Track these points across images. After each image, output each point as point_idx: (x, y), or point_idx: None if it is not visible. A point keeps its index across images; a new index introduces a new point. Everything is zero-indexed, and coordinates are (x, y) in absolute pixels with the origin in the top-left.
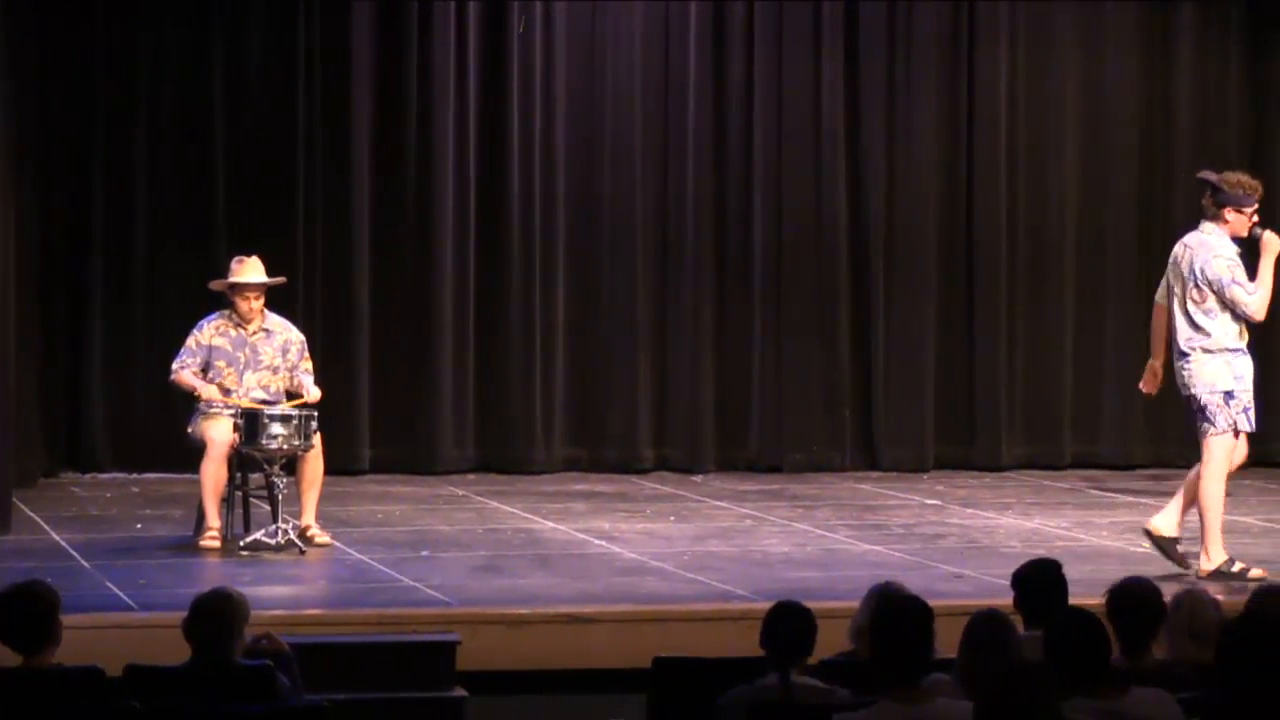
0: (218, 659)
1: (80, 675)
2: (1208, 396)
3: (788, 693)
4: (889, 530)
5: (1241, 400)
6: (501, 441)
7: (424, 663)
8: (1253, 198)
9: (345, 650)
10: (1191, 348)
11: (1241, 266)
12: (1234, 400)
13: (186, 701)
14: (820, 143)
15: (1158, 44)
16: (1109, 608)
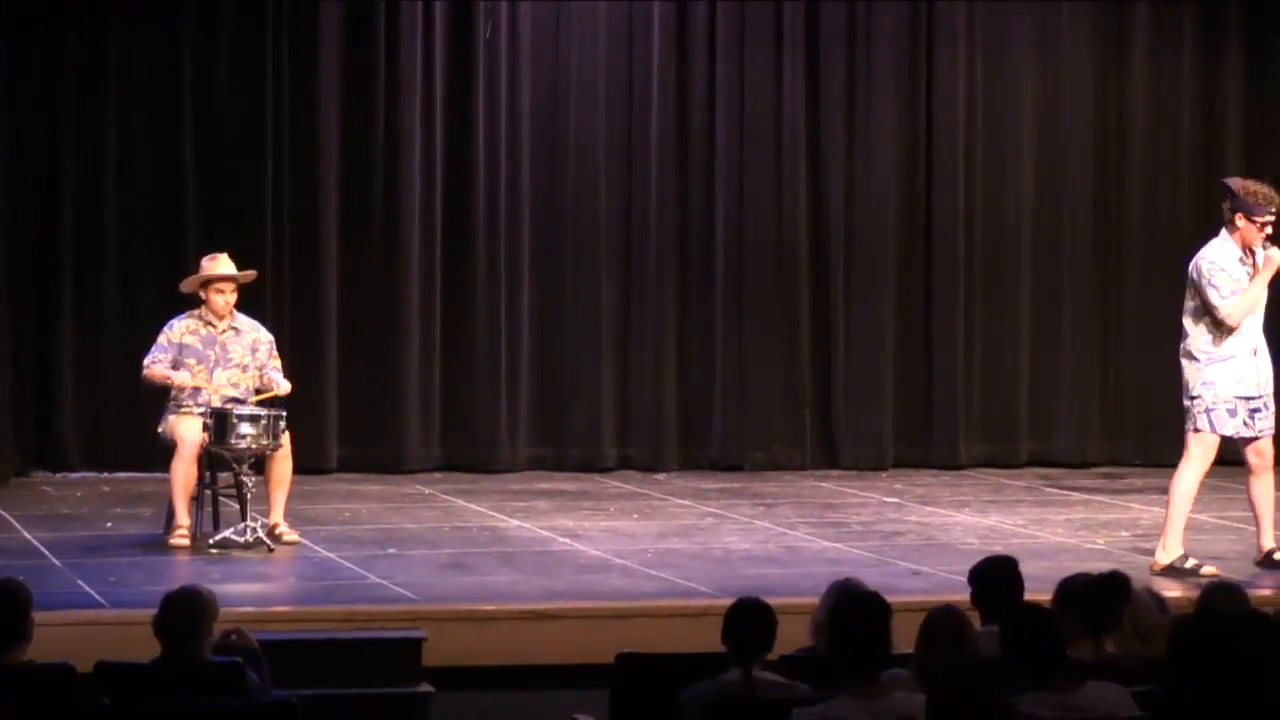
0: (188, 655)
1: (51, 672)
2: (1185, 399)
3: (749, 688)
4: (848, 528)
5: (1204, 402)
6: (467, 441)
7: (391, 659)
8: (1265, 208)
9: (313, 646)
10: (1182, 350)
11: (1227, 272)
12: (1198, 402)
13: (157, 698)
14: (781, 145)
15: (1113, 46)
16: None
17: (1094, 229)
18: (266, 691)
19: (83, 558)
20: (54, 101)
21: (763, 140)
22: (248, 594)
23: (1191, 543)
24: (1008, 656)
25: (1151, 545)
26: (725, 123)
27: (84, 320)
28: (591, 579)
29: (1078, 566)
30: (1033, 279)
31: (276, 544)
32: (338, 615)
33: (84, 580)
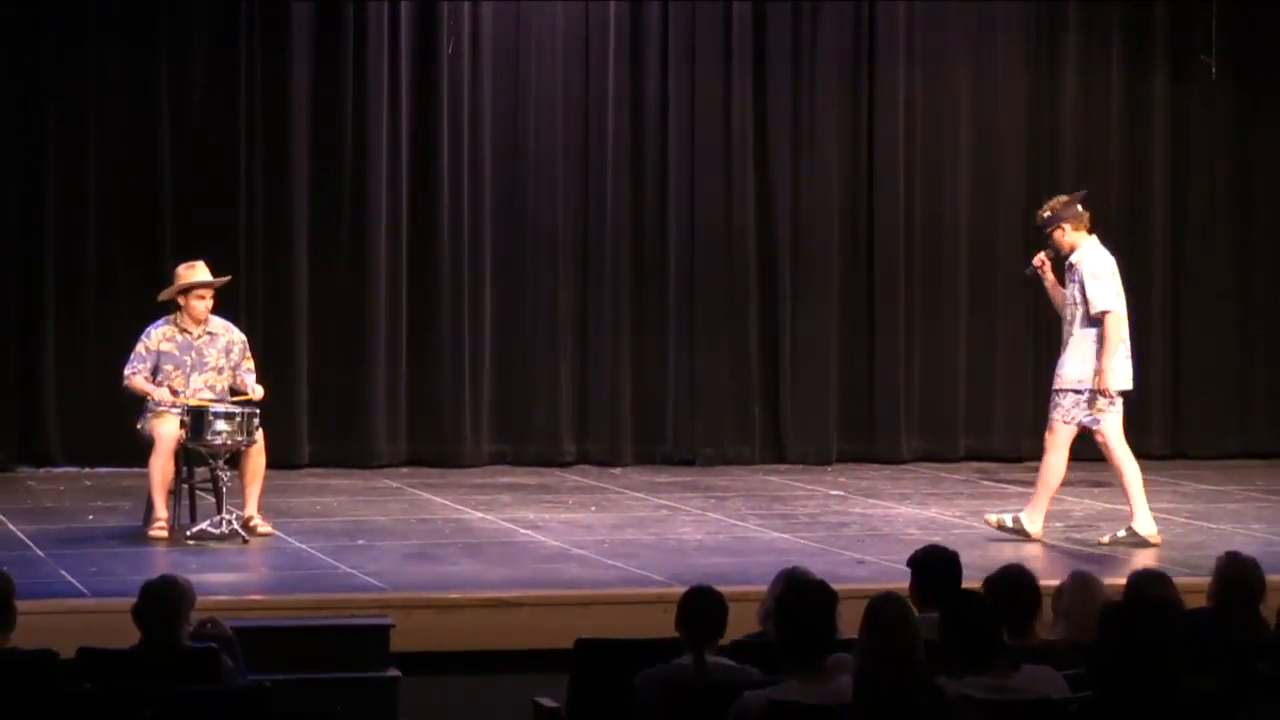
0: (166, 642)
1: (34, 658)
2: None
3: (701, 671)
4: (795, 519)
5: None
6: (433, 437)
7: (360, 644)
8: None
9: (286, 633)
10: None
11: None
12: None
13: (136, 682)
14: (730, 156)
15: (1045, 64)
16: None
17: (1025, 238)
18: (241, 676)
19: (65, 549)
20: (34, 109)
21: (713, 151)
22: (223, 583)
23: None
24: (946, 641)
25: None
26: (677, 134)
27: (65, 320)
28: (551, 568)
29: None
30: (969, 284)
31: (251, 535)
32: (309, 603)
33: (66, 570)
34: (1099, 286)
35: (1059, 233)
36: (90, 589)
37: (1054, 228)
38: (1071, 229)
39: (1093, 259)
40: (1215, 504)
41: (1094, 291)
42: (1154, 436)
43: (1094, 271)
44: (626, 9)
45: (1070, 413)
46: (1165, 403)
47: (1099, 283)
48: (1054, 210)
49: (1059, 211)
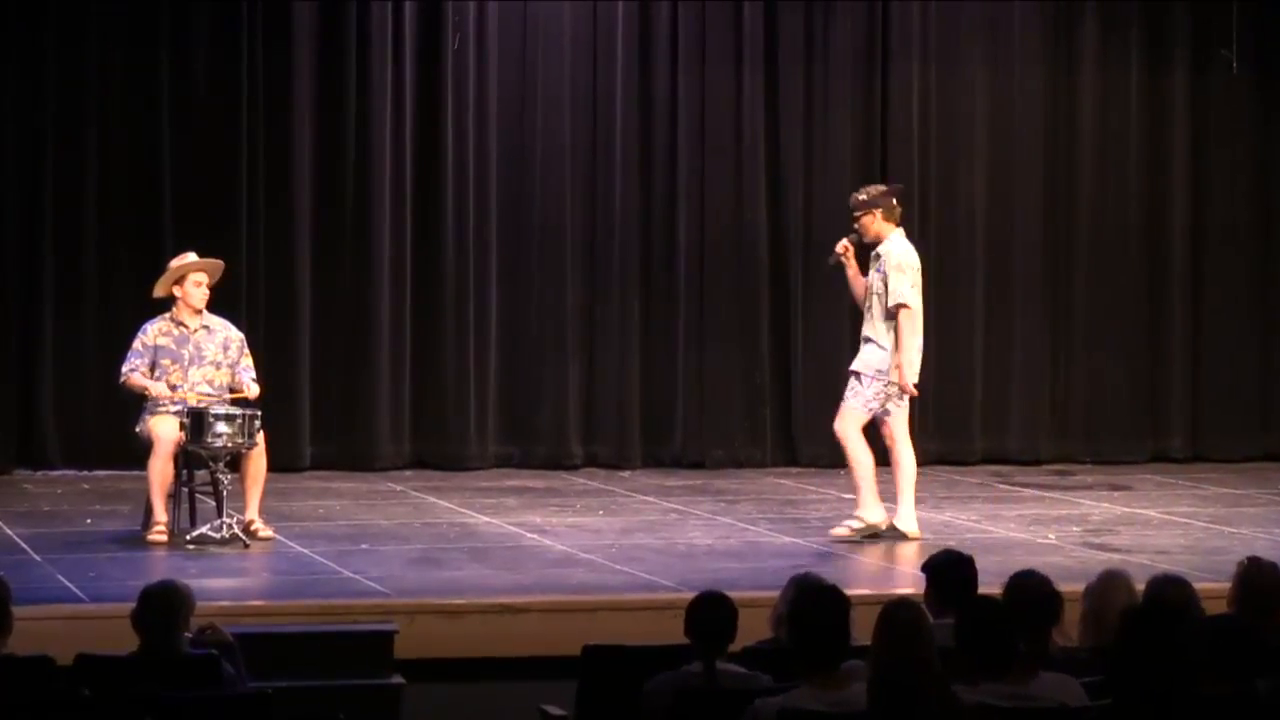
0: (165, 648)
1: (31, 664)
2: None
3: (711, 679)
4: (807, 523)
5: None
6: (437, 439)
7: (363, 651)
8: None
9: (287, 639)
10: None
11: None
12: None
13: (135, 689)
14: (741, 154)
15: (1062, 60)
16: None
17: (1044, 236)
18: (242, 683)
19: (63, 553)
20: (34, 107)
21: (723, 150)
22: (224, 588)
23: (1138, 536)
24: (962, 648)
25: (1102, 539)
26: (687, 133)
27: (64, 321)
28: (558, 573)
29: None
30: (985, 284)
31: (252, 540)
32: (311, 609)
33: (64, 575)
34: (902, 280)
35: (869, 218)
36: (88, 594)
37: (866, 212)
38: (882, 218)
39: (900, 252)
40: (1236, 508)
41: (895, 283)
42: (1174, 439)
43: (899, 264)
44: (635, 5)
45: (872, 402)
46: (1185, 405)
47: (903, 276)
48: (870, 196)
49: (875, 198)
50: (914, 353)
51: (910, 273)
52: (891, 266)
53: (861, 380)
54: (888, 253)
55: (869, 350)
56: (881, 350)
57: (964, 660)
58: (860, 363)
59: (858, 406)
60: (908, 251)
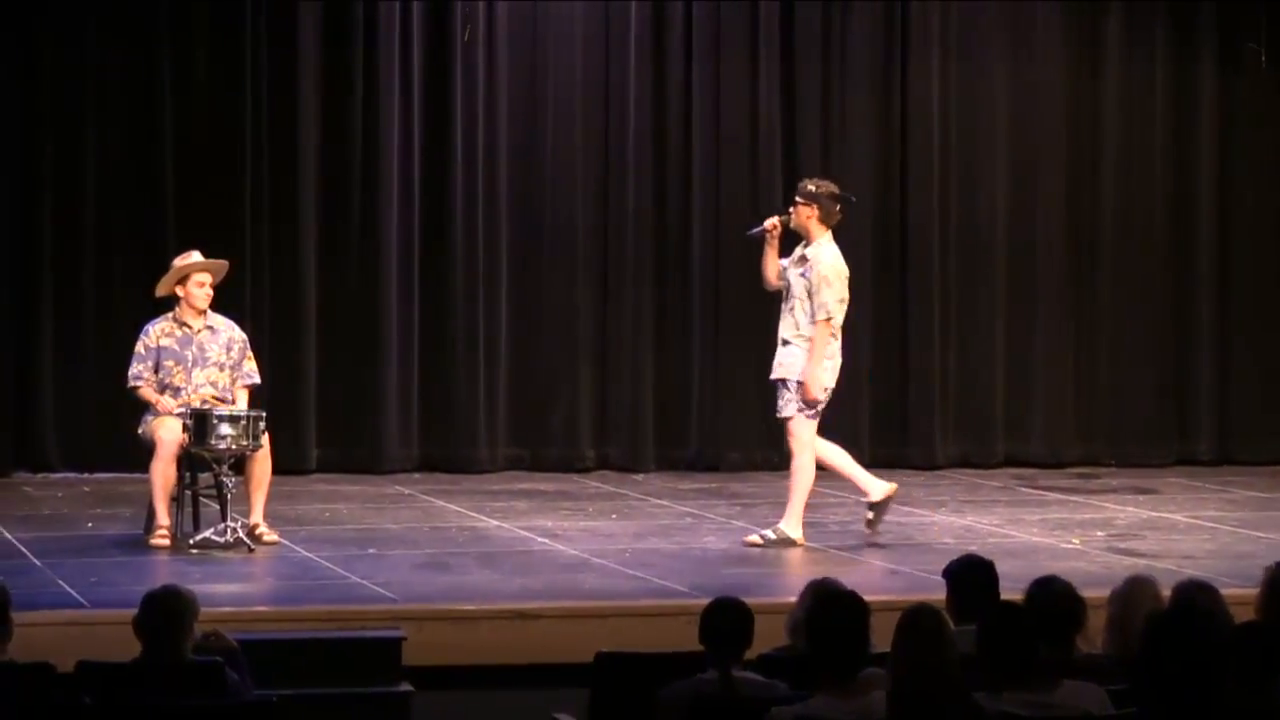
0: (168, 655)
1: (31, 671)
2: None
3: (727, 687)
4: (825, 527)
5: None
6: (446, 441)
7: (370, 658)
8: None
9: (293, 646)
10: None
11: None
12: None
13: (137, 697)
14: (757, 149)
15: (1086, 51)
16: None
17: (1067, 233)
18: (247, 691)
19: (63, 558)
20: (32, 104)
21: (739, 144)
22: (228, 594)
23: (1165, 541)
24: (984, 655)
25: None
26: (701, 126)
27: (64, 321)
28: (570, 579)
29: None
30: (1007, 281)
31: (256, 544)
32: (318, 615)
33: (65, 580)
34: (830, 294)
35: (806, 210)
36: (89, 599)
37: (806, 204)
38: (818, 218)
39: (831, 260)
40: (1264, 512)
41: (824, 296)
42: (1201, 441)
43: (828, 275)
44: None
45: (805, 408)
46: (1213, 406)
47: (831, 290)
48: (818, 190)
49: (821, 196)
50: (822, 366)
51: (838, 285)
52: (820, 276)
53: (791, 388)
54: (817, 259)
55: (792, 355)
56: (803, 356)
57: (986, 668)
58: (786, 369)
59: (795, 415)
60: (837, 260)
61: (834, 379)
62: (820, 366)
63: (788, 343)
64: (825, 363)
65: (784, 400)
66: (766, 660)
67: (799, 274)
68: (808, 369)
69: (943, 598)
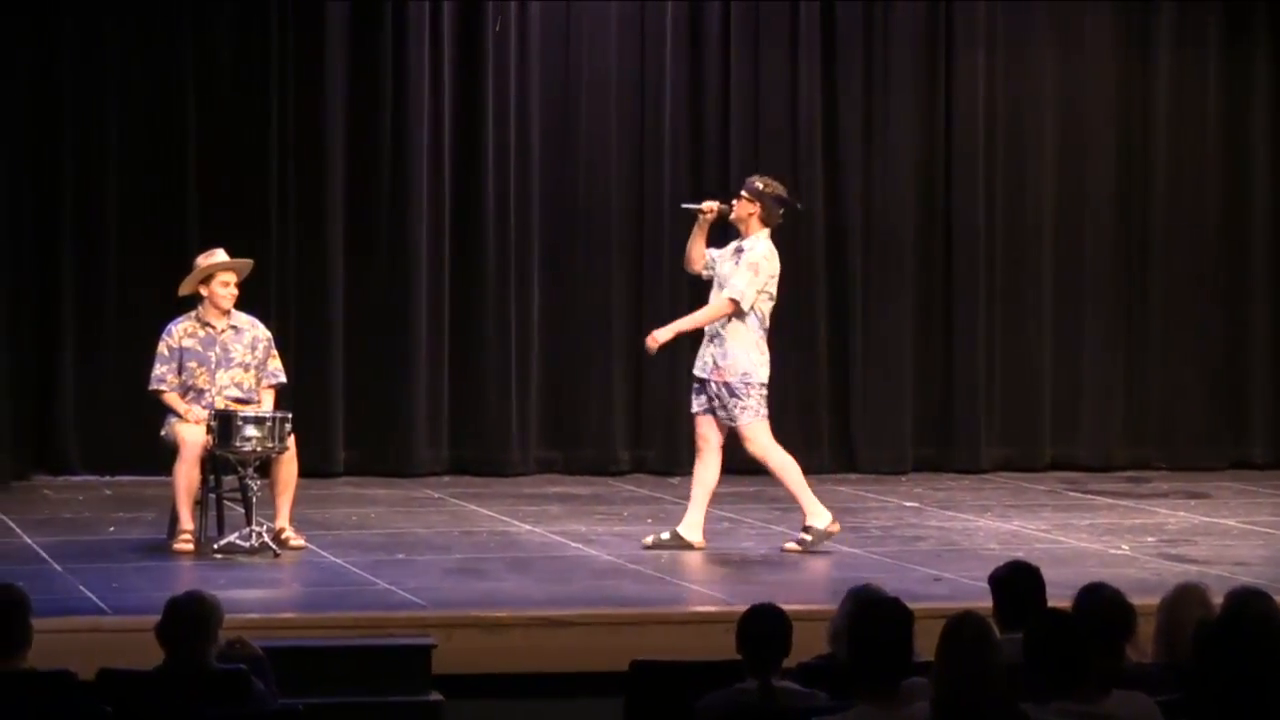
0: (192, 663)
1: (52, 679)
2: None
3: (766, 696)
4: (867, 532)
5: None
6: (477, 444)
7: (399, 666)
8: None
9: (320, 654)
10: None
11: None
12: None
13: (160, 706)
14: (797, 143)
15: (1136, 44)
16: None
17: (1117, 228)
18: (272, 700)
19: (84, 563)
20: (53, 103)
21: (778, 139)
22: (253, 600)
23: (1218, 547)
24: (1031, 664)
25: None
26: (739, 121)
27: (85, 320)
28: (604, 585)
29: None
30: (1055, 279)
31: (282, 549)
32: (345, 622)
33: (86, 586)
34: (750, 279)
35: (749, 207)
36: (111, 606)
37: (751, 201)
38: (759, 218)
39: (763, 252)
40: None
41: (741, 280)
42: (1255, 444)
43: (755, 264)
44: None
45: (761, 408)
46: (1267, 408)
47: (753, 277)
48: (765, 190)
49: (766, 197)
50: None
51: (762, 276)
52: (748, 263)
53: (737, 392)
54: (751, 249)
55: (732, 356)
56: (745, 355)
57: (1033, 677)
58: (727, 371)
59: (750, 420)
60: (770, 254)
61: (767, 373)
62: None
63: (723, 346)
64: (756, 357)
65: (738, 408)
66: (806, 669)
67: (733, 264)
68: (677, 326)
69: (988, 605)
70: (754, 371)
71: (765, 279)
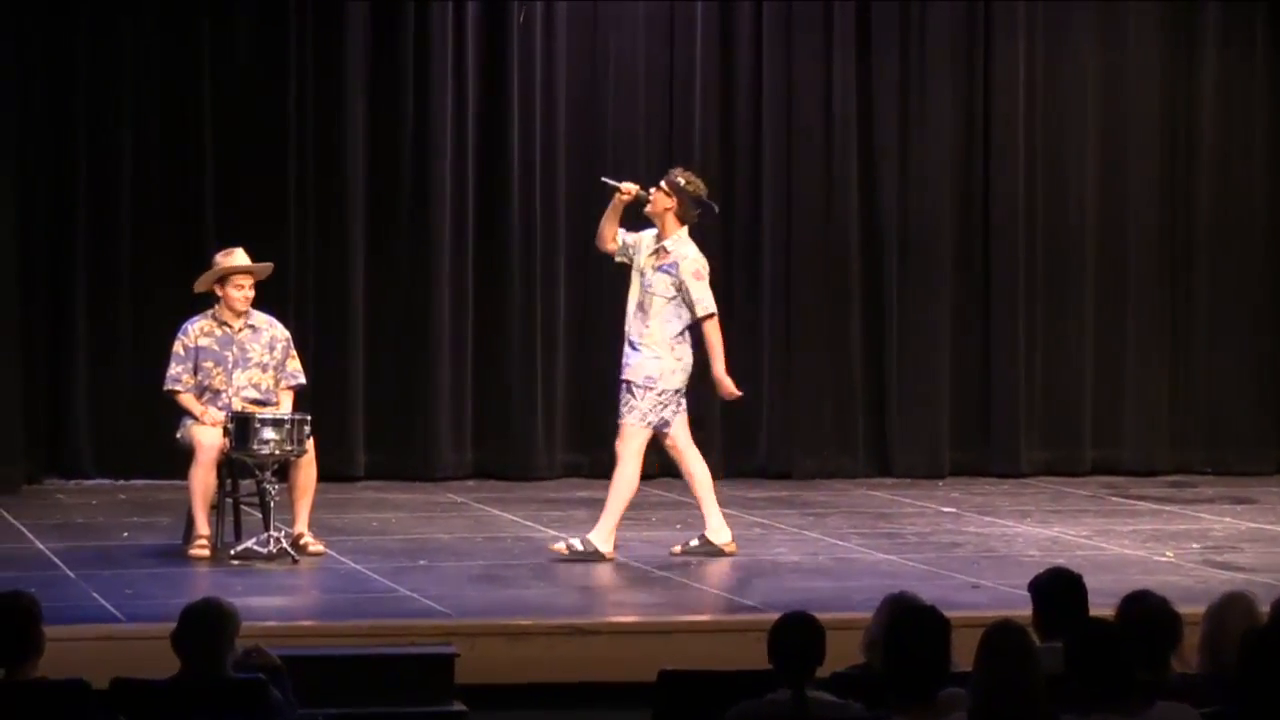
0: (208, 672)
1: (64, 689)
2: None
3: (799, 707)
4: (903, 539)
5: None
6: (501, 447)
7: (421, 676)
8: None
9: (339, 663)
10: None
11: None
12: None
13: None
14: (831, 138)
15: (1181, 36)
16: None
17: (1161, 226)
18: (290, 710)
19: (97, 569)
20: (65, 99)
21: (811, 135)
22: (271, 607)
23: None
24: (1073, 675)
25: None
26: (771, 117)
27: (98, 321)
28: (631, 592)
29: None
30: (1097, 277)
31: (301, 555)
32: (365, 630)
33: (99, 593)
34: (704, 289)
35: (666, 202)
36: (125, 613)
37: (669, 196)
38: (675, 213)
39: (695, 256)
40: None
41: (699, 293)
42: None
43: (698, 271)
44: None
45: (650, 415)
46: None
47: (704, 285)
48: (685, 187)
49: (686, 189)
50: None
51: (706, 280)
52: (689, 273)
53: (634, 392)
54: (682, 257)
55: (639, 357)
56: (655, 359)
57: (1074, 688)
58: (631, 371)
59: (634, 422)
60: (700, 256)
61: (680, 381)
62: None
63: (636, 345)
64: (669, 362)
65: (626, 406)
66: (840, 679)
67: (658, 269)
68: (715, 369)
69: (1028, 613)
70: (659, 377)
71: (708, 277)
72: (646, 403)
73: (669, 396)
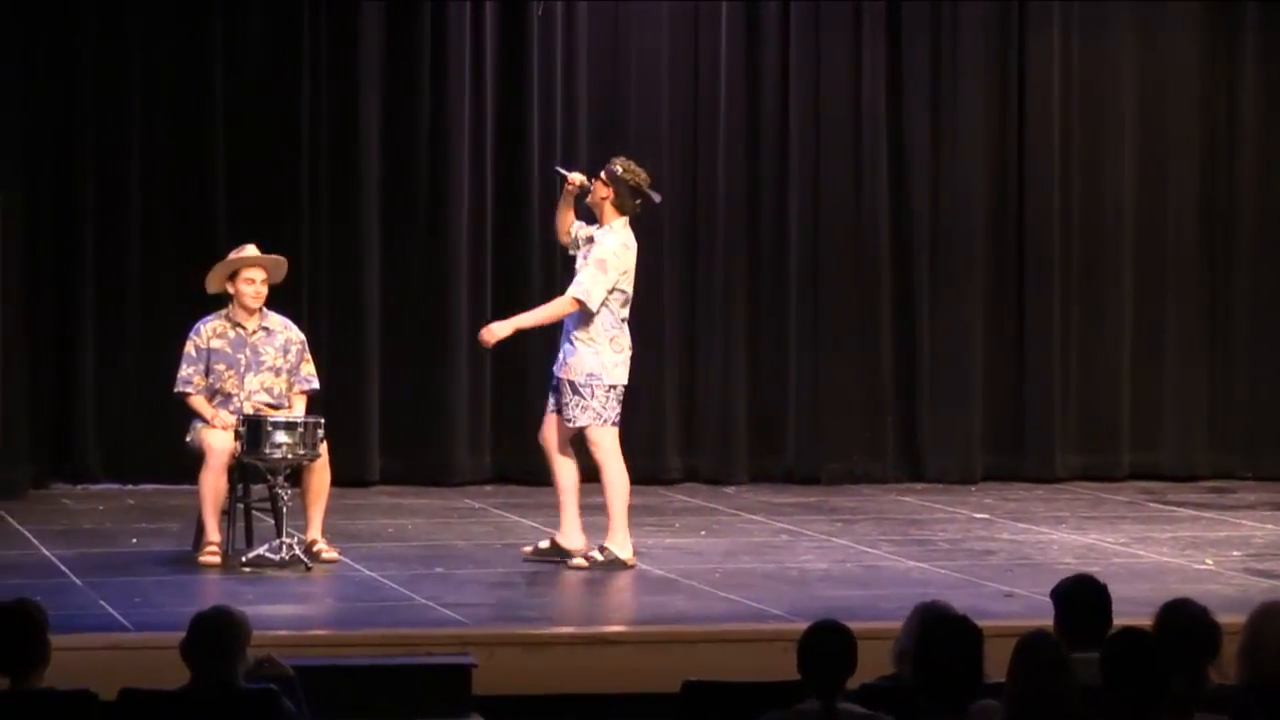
0: (218, 682)
1: (72, 699)
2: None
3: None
4: (934, 546)
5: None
6: (520, 451)
7: (438, 687)
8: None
9: (354, 673)
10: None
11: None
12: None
13: None
14: (860, 133)
15: (1221, 30)
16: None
17: (1200, 225)
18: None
19: (105, 576)
20: (73, 96)
21: (840, 129)
22: (283, 616)
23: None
24: (1108, 686)
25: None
26: (799, 112)
27: (106, 318)
28: (655, 600)
29: (1184, 589)
30: (1134, 278)
31: (314, 562)
32: (380, 639)
33: (107, 601)
34: (595, 277)
35: (604, 190)
36: (134, 622)
37: (607, 185)
38: (613, 203)
39: (613, 247)
40: None
41: (585, 276)
42: None
43: (605, 260)
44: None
45: (604, 413)
46: None
47: (601, 276)
48: (623, 177)
49: (623, 178)
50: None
51: (611, 274)
52: (594, 258)
53: (581, 392)
54: (601, 243)
55: (577, 355)
56: (594, 354)
57: (1109, 700)
58: (570, 370)
59: (593, 423)
60: (621, 249)
61: (625, 375)
62: (530, 324)
63: (573, 342)
64: (614, 357)
65: (579, 407)
66: (870, 690)
67: (583, 257)
68: (520, 316)
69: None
70: (601, 373)
71: (615, 276)
72: (598, 401)
73: (621, 391)
